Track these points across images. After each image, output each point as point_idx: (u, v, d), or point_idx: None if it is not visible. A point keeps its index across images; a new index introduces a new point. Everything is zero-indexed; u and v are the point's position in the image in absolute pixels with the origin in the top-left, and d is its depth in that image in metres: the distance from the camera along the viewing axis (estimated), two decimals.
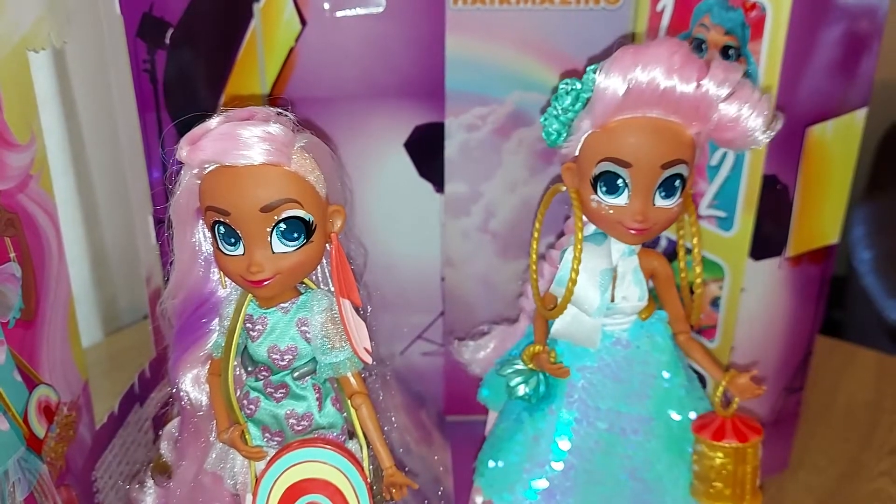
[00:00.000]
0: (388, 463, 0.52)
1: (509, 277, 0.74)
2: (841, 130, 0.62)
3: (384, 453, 0.52)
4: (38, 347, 0.54)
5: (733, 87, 0.50)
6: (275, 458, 0.52)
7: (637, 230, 0.52)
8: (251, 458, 0.53)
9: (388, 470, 0.52)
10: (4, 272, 0.50)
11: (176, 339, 0.56)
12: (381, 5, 0.65)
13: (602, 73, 0.50)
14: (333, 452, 0.51)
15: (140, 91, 0.67)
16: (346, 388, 0.52)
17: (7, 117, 0.49)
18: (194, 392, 0.56)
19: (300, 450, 0.51)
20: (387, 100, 0.68)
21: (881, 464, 0.77)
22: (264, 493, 0.51)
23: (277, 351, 0.51)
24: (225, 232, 0.48)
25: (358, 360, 0.51)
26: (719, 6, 0.60)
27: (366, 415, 0.52)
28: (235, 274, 0.49)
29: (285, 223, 0.48)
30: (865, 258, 1.44)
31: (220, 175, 0.47)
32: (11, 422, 0.51)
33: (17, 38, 0.51)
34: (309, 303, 0.51)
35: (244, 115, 0.48)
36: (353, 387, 0.52)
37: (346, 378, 0.52)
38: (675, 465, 0.58)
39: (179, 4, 0.64)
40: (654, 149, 0.50)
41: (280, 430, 0.53)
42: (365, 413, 0.52)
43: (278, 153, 0.47)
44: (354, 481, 0.51)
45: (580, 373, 0.57)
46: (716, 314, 0.66)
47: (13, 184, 0.51)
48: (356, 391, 0.52)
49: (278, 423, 0.53)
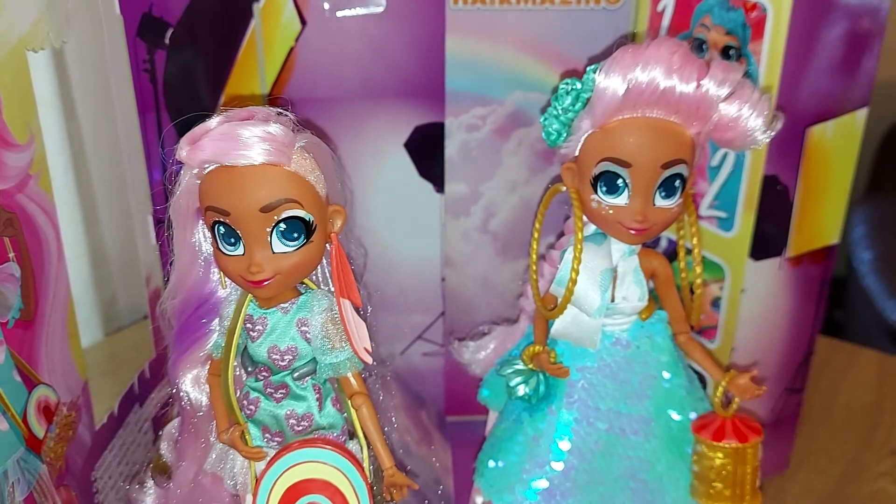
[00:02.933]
0: (388, 463, 0.52)
1: (509, 278, 0.74)
2: (841, 130, 0.62)
3: (384, 453, 0.52)
4: (38, 347, 0.54)
5: (733, 87, 0.50)
6: (275, 458, 0.51)
7: (637, 230, 0.52)
8: (251, 459, 0.53)
9: (388, 470, 0.52)
10: (3, 272, 0.50)
11: (175, 339, 0.55)
12: (382, 5, 0.65)
13: (602, 73, 0.50)
14: (334, 453, 0.51)
15: (140, 91, 0.67)
16: (347, 388, 0.52)
17: (6, 117, 0.49)
18: (194, 392, 0.56)
19: (300, 450, 0.51)
20: (387, 100, 0.68)
21: (882, 464, 0.77)
22: (264, 494, 0.51)
23: (277, 351, 0.51)
24: (225, 232, 0.48)
25: (358, 360, 0.51)
26: (720, 6, 0.60)
27: (366, 415, 0.52)
28: (235, 274, 0.49)
29: (285, 223, 0.48)
30: (866, 258, 1.44)
31: (219, 175, 0.47)
32: (11, 422, 0.51)
33: (16, 37, 0.51)
34: (309, 303, 0.51)
35: (244, 115, 0.48)
36: (353, 387, 0.52)
37: (347, 378, 0.52)
38: (675, 465, 0.58)
39: (179, 4, 0.64)
40: (654, 149, 0.50)
41: (280, 431, 0.53)
42: (365, 413, 0.52)
43: (278, 153, 0.47)
44: (355, 482, 0.51)
45: (580, 373, 0.57)
46: (716, 315, 0.66)
47: (12, 184, 0.51)
48: (356, 391, 0.52)
49: (278, 423, 0.53)
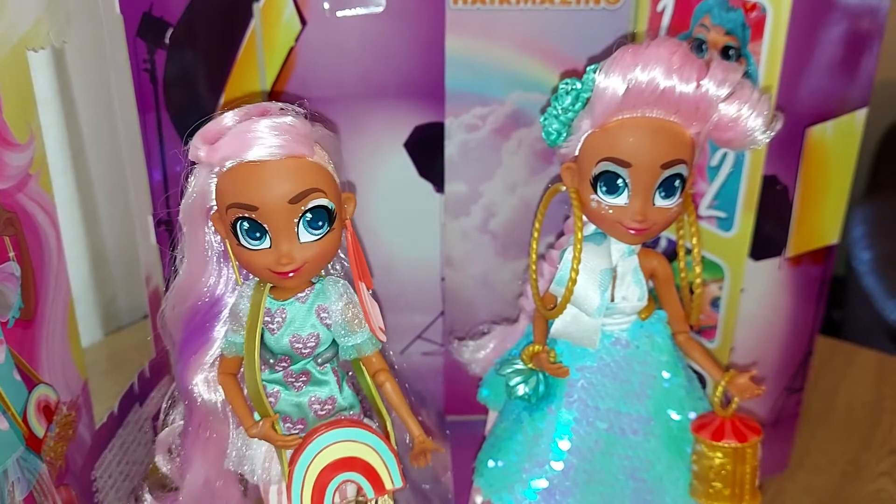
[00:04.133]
0: (417, 431, 0.53)
1: (509, 277, 0.74)
2: (841, 130, 0.62)
3: (413, 423, 0.53)
4: (38, 347, 0.54)
5: (733, 87, 0.50)
6: (303, 443, 0.52)
7: (636, 230, 0.53)
8: (286, 447, 0.53)
9: (418, 438, 0.53)
10: (4, 271, 0.50)
11: (184, 344, 0.55)
12: (381, 5, 0.65)
13: (602, 73, 0.50)
14: (360, 430, 0.53)
15: (140, 90, 0.67)
16: (369, 366, 0.54)
17: (6, 116, 0.49)
18: (208, 394, 0.56)
19: (328, 432, 0.52)
20: (387, 100, 0.68)
21: (881, 464, 0.77)
22: (299, 480, 0.52)
23: (300, 340, 0.52)
24: (249, 227, 0.49)
25: (376, 339, 0.53)
26: (719, 7, 0.60)
27: (390, 389, 0.54)
28: (262, 267, 0.50)
29: (311, 213, 0.49)
30: (865, 258, 1.44)
31: (242, 171, 0.48)
32: (11, 421, 0.51)
33: (16, 37, 0.51)
34: (325, 290, 0.52)
35: (259, 110, 0.49)
36: (374, 365, 0.54)
37: (369, 357, 0.54)
38: (675, 464, 0.58)
39: (179, 4, 0.64)
40: (653, 149, 0.51)
41: (302, 418, 0.54)
42: (389, 388, 0.54)
43: (300, 145, 0.48)
44: (385, 455, 0.53)
45: (580, 372, 0.57)
46: (715, 314, 0.66)
47: (12, 183, 0.51)
48: (379, 368, 0.54)
49: (301, 411, 0.54)
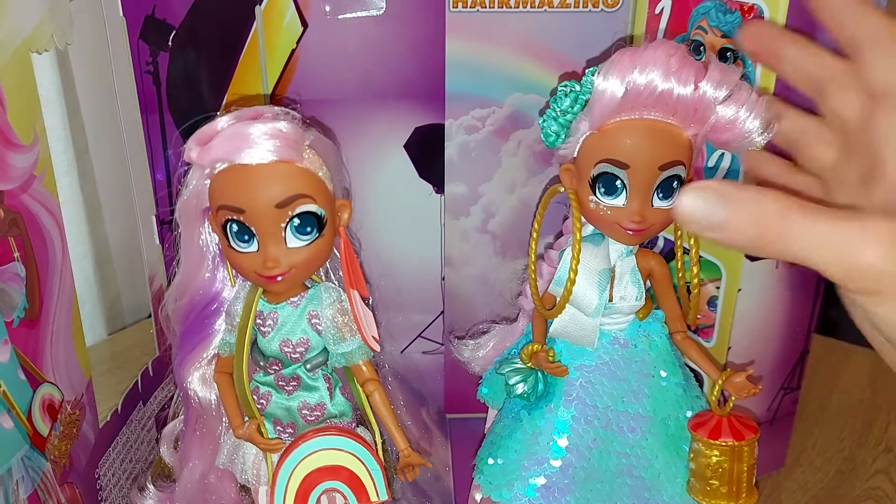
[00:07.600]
0: (403, 444, 0.53)
1: (508, 277, 0.74)
2: None
3: (399, 435, 0.53)
4: (42, 346, 0.54)
5: (731, 89, 0.50)
6: (289, 448, 0.52)
7: (634, 231, 0.53)
8: (269, 451, 0.54)
9: (404, 451, 0.53)
10: (8, 272, 0.51)
11: (182, 338, 0.56)
12: (382, 8, 0.65)
13: (600, 75, 0.50)
14: (348, 439, 0.52)
15: (143, 92, 0.67)
16: (359, 375, 0.54)
17: (11, 118, 0.49)
18: (203, 391, 0.56)
19: (315, 439, 0.52)
20: (387, 101, 0.68)
21: (877, 462, 0.78)
22: (282, 484, 0.52)
23: (290, 344, 0.52)
24: (238, 230, 0.49)
25: (368, 348, 0.53)
26: (717, 9, 0.60)
27: (378, 400, 0.53)
28: (250, 271, 0.50)
29: (299, 218, 0.49)
30: None
31: (232, 174, 0.48)
32: (15, 420, 0.52)
33: (20, 39, 0.51)
34: (318, 296, 0.52)
35: (252, 114, 0.49)
36: (364, 374, 0.54)
37: (359, 366, 0.53)
38: (672, 462, 0.58)
39: (182, 7, 0.65)
40: (651, 150, 0.51)
41: (292, 422, 0.53)
42: (378, 399, 0.53)
43: (290, 150, 0.48)
44: (370, 465, 0.53)
45: (578, 371, 0.58)
46: (713, 314, 0.66)
47: (17, 184, 0.51)
48: (368, 378, 0.53)
49: (290, 415, 0.53)
